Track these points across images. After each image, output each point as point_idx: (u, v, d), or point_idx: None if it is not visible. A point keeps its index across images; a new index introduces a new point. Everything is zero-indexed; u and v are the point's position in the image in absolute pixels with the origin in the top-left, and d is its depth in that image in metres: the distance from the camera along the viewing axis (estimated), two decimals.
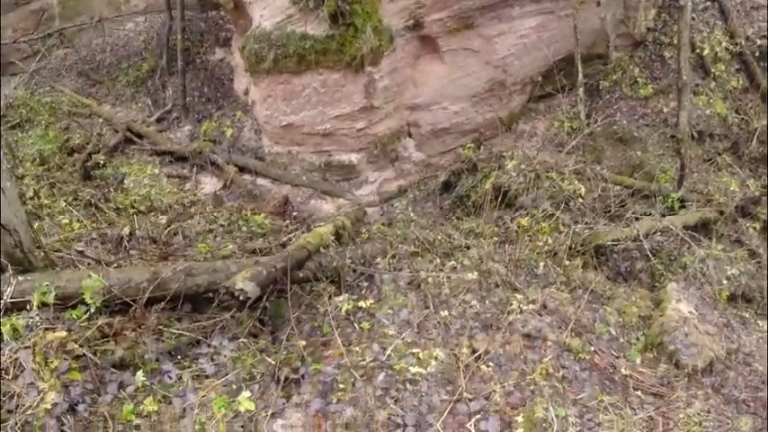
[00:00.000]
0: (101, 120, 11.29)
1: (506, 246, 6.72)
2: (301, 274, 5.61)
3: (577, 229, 7.08)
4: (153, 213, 8.53)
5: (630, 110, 10.94)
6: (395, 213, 8.61)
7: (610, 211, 7.98)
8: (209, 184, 9.76)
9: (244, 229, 7.54)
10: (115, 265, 5.62)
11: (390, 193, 9.19)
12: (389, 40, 8.79)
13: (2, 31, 13.00)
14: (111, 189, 9.31)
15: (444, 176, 8.61)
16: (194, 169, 10.07)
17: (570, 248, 6.79)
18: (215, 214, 7.75)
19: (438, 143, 9.90)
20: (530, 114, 10.96)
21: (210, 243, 6.96)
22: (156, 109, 11.42)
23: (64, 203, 8.09)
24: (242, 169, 9.86)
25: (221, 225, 7.44)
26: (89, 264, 5.47)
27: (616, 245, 7.11)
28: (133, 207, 8.52)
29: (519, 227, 7.11)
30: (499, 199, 7.39)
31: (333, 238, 6.23)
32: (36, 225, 7.36)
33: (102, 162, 10.04)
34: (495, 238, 6.81)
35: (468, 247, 6.38)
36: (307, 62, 8.70)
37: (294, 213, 8.46)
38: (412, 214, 8.46)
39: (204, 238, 7.04)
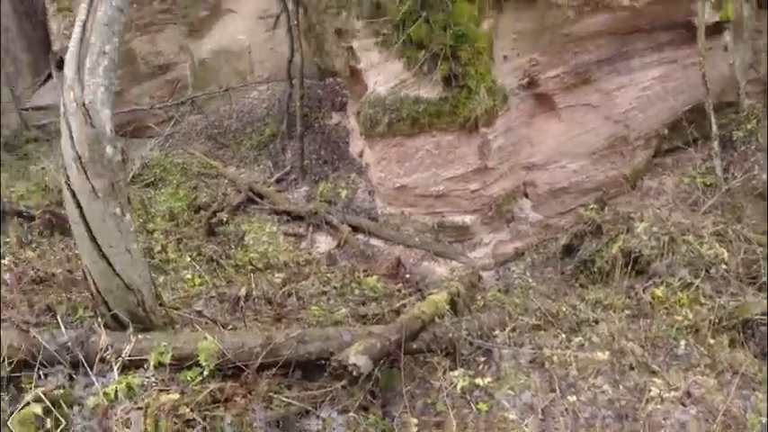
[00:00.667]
0: (226, 180, 11.74)
1: (640, 320, 6.02)
2: (415, 346, 5.28)
3: (722, 301, 6.27)
4: (269, 271, 8.58)
5: None
6: (512, 279, 8.11)
7: (756, 278, 7.04)
8: (324, 243, 9.75)
9: (356, 292, 7.34)
10: (231, 326, 5.58)
11: (506, 255, 8.71)
12: (504, 99, 8.50)
13: (139, 97, 14.07)
14: (232, 245, 9.52)
15: (565, 239, 8.04)
16: (310, 228, 10.13)
17: (714, 324, 5.98)
18: (328, 275, 7.63)
19: (557, 203, 9.35)
20: (656, 170, 10.15)
21: (323, 306, 6.81)
22: (276, 171, 11.74)
23: (189, 258, 8.31)
24: (356, 229, 9.80)
25: (334, 287, 7.29)
26: (206, 324, 5.45)
27: (765, 319, 6.20)
28: (251, 264, 8.61)
29: (653, 298, 6.39)
30: (629, 266, 6.70)
31: (447, 306, 5.87)
32: (161, 279, 7.65)
33: (225, 219, 10.37)
34: (627, 312, 6.13)
35: (597, 322, 5.77)
36: (420, 125, 8.57)
37: (407, 276, 8.18)
38: (530, 280, 7.92)
39: (317, 301, 6.91)
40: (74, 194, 4.45)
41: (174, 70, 14.96)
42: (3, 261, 6.34)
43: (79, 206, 4.46)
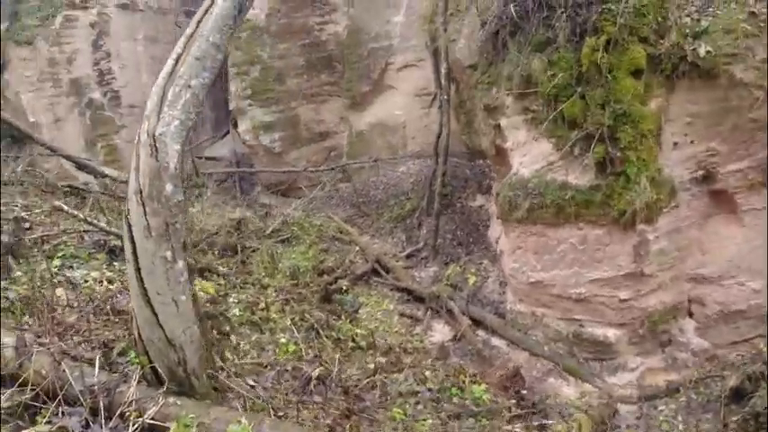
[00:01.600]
0: (357, 248, 11.06)
1: None
2: None
3: None
4: (371, 352, 7.53)
5: None
6: (657, 421, 6.20)
7: None
8: (440, 332, 8.50)
9: (455, 400, 5.98)
10: (282, 413, 4.57)
11: (655, 389, 6.76)
12: (671, 193, 6.85)
13: (296, 160, 14.15)
14: (343, 316, 8.65)
15: (736, 380, 6.01)
16: (428, 313, 8.96)
17: None
18: (426, 372, 6.35)
19: (729, 330, 7.26)
20: None
21: (409, 409, 5.57)
22: (408, 246, 10.85)
23: (290, 321, 7.54)
24: (478, 323, 8.44)
25: (429, 389, 6.00)
26: (253, 403, 4.50)
27: None
28: (353, 341, 7.62)
29: None
30: None
31: None
32: (254, 338, 6.89)
33: (345, 288, 9.60)
34: None
35: None
36: (565, 214, 7.17)
37: (523, 391, 6.63)
38: (681, 426, 5.98)
39: (404, 402, 5.68)
40: (130, 229, 3.99)
41: (333, 139, 15.05)
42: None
43: (133, 242, 4.00)
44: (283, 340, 6.95)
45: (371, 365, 6.49)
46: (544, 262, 7.56)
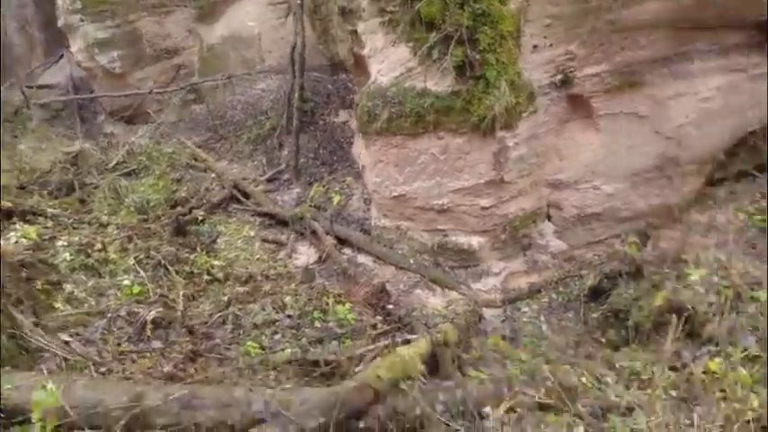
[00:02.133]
0: (213, 175, 10.08)
1: (691, 405, 4.10)
2: (362, 425, 3.49)
3: None
4: (230, 283, 6.87)
5: None
6: (521, 322, 6.18)
7: None
8: (305, 254, 7.97)
9: (318, 324, 5.53)
10: (107, 368, 3.86)
11: (518, 292, 6.77)
12: (530, 98, 6.61)
13: (141, 81, 12.56)
14: (198, 248, 7.85)
15: (594, 279, 6.08)
16: (292, 236, 8.37)
17: None
18: (286, 299, 5.81)
19: (585, 231, 7.38)
20: (704, 202, 8.09)
21: (266, 341, 5.04)
22: (269, 168, 10.03)
23: (133, 261, 6.64)
24: (343, 242, 8.00)
25: (289, 316, 5.48)
26: (69, 362, 3.74)
27: None
28: (209, 274, 6.90)
29: (706, 372, 4.45)
30: (677, 325, 4.74)
31: (422, 367, 4.03)
32: (91, 284, 6.03)
33: (201, 218, 8.72)
34: (673, 393, 4.19)
35: (631, 409, 3.83)
36: (425, 123, 6.73)
37: (389, 306, 6.33)
38: (545, 327, 6.00)
39: (260, 334, 5.13)
40: None
41: (181, 55, 13.38)
42: None
43: None
44: (127, 282, 6.12)
45: (225, 297, 5.85)
46: (406, 175, 7.16)
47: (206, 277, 6.81)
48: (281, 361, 4.53)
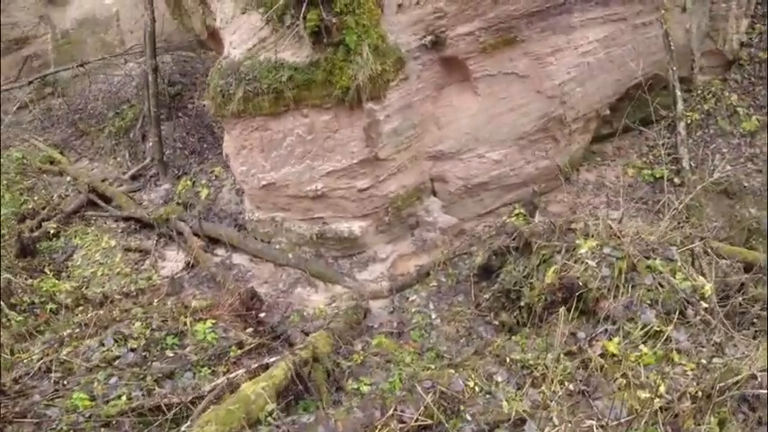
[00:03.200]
0: (69, 179, 8.67)
1: (590, 399, 3.49)
2: None
3: (705, 359, 3.83)
4: (81, 309, 5.72)
5: (733, 150, 7.49)
6: (409, 312, 5.43)
7: (740, 316, 4.62)
8: (175, 260, 6.88)
9: (171, 353, 4.51)
10: None
11: (406, 277, 6.00)
12: (398, 64, 5.75)
13: None
14: (47, 269, 6.63)
15: (482, 257, 5.39)
16: (159, 241, 7.23)
17: (698, 397, 3.52)
18: (135, 325, 4.73)
19: (473, 203, 6.72)
20: (593, 159, 7.64)
21: (98, 387, 3.99)
22: (133, 164, 8.72)
23: None
24: (216, 241, 6.96)
25: (132, 349, 4.42)
26: None
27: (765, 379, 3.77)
28: (52, 300, 5.71)
29: (605, 355, 3.87)
30: (571, 304, 4.11)
31: (271, 406, 3.16)
32: None
33: (52, 231, 7.41)
34: (570, 386, 3.55)
35: (523, 420, 3.14)
36: (285, 100, 5.76)
37: (261, 315, 5.41)
38: (434, 314, 5.28)
39: (92, 380, 4.07)
40: None
41: (32, 44, 11.67)
42: None
43: None
44: None
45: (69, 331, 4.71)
46: (273, 160, 6.19)
47: (50, 306, 5.63)
48: (115, 413, 3.53)
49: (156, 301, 5.93)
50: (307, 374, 3.93)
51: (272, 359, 4.00)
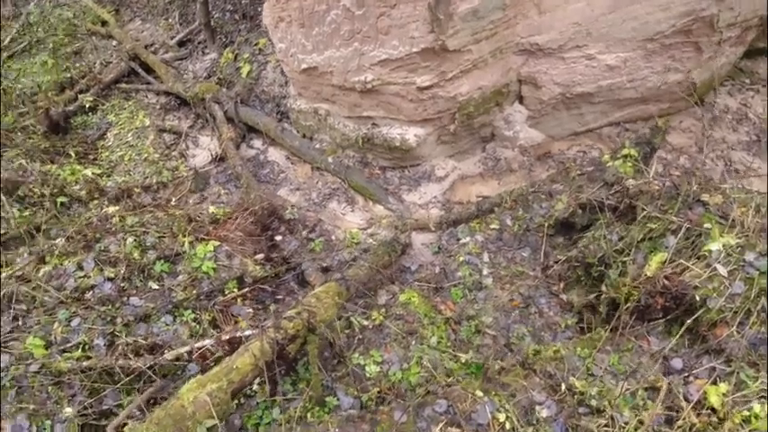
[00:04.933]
0: (114, 43, 7.70)
1: None
2: None
3: None
4: (97, 203, 4.96)
5: None
6: (456, 260, 4.11)
7: None
8: (207, 148, 5.86)
9: (154, 284, 3.56)
10: None
11: (463, 210, 4.60)
12: None
13: None
14: (72, 151, 5.90)
15: (564, 206, 3.89)
16: (196, 123, 6.22)
17: None
18: (126, 241, 3.81)
19: (569, 117, 5.06)
20: (738, 79, 5.57)
21: (60, 330, 3.16)
22: (183, 27, 7.55)
23: None
24: (254, 130, 5.84)
25: (109, 278, 3.51)
26: None
27: None
28: (63, 193, 4.95)
29: (702, 405, 2.49)
30: (674, 319, 2.68)
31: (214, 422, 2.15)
32: None
33: (88, 105, 6.59)
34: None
35: None
36: None
37: (277, 239, 4.33)
38: (486, 270, 3.95)
39: (53, 319, 3.24)
40: None
41: None
42: None
43: None
44: None
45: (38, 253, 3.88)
46: (314, 39, 4.77)
47: (61, 199, 4.86)
48: (65, 369, 2.71)
49: (174, 199, 5.03)
50: (294, 351, 2.88)
51: (248, 332, 2.92)
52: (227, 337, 2.89)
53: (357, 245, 4.35)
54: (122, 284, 3.55)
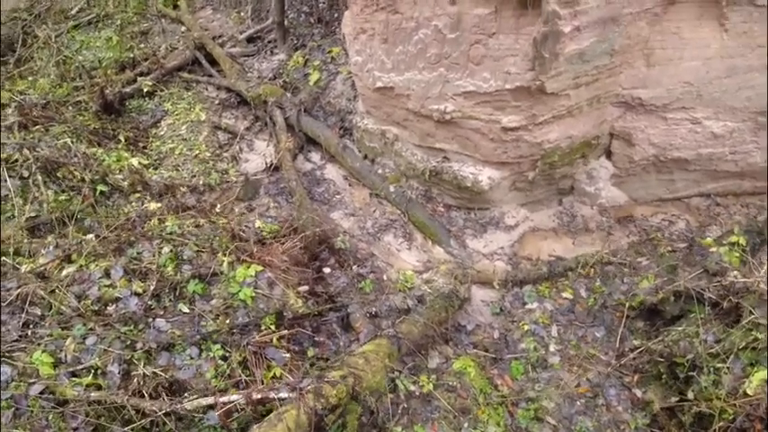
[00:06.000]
0: (183, 29, 7.44)
1: None
2: None
3: None
4: (138, 195, 4.63)
5: None
6: (519, 328, 3.60)
7: None
8: (263, 153, 5.49)
9: (184, 307, 3.15)
10: None
11: (533, 268, 4.08)
12: None
13: None
14: (122, 136, 5.59)
15: (648, 290, 3.34)
16: (254, 125, 5.87)
17: None
18: (162, 250, 3.43)
19: (657, 182, 4.50)
20: None
21: (72, 347, 2.77)
22: (255, 23, 7.24)
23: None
24: (314, 142, 5.44)
25: (136, 293, 3.11)
26: None
27: None
28: (105, 182, 4.61)
29: None
30: None
31: None
32: None
33: (147, 89, 6.30)
34: None
35: None
36: None
37: (325, 271, 3.89)
38: (553, 346, 3.44)
39: (65, 334, 2.85)
40: None
41: None
42: None
43: None
44: None
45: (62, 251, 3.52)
46: (396, 57, 4.35)
47: (101, 187, 4.53)
48: (70, 397, 2.32)
49: (219, 206, 4.65)
50: (332, 422, 2.42)
51: (283, 394, 2.47)
52: (259, 396, 2.44)
53: (410, 290, 3.88)
54: (149, 302, 3.15)
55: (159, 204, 4.40)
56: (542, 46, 3.57)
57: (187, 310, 3.15)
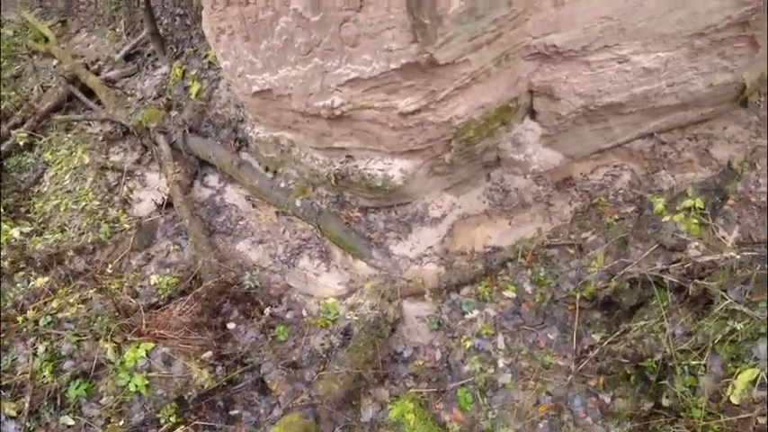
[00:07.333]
0: (54, 62, 6.53)
1: None
2: None
3: None
4: (23, 275, 3.91)
5: None
6: (463, 343, 3.00)
7: None
8: (157, 188, 4.73)
9: (68, 419, 2.51)
10: None
11: (468, 266, 3.44)
12: None
13: None
14: (5, 200, 4.80)
15: (596, 276, 2.78)
16: (144, 156, 5.10)
17: None
18: (31, 354, 2.75)
19: (593, 132, 3.91)
20: None
21: None
22: (130, 38, 6.36)
23: None
24: (206, 164, 4.71)
25: (11, 417, 2.47)
26: None
27: None
28: None
29: None
30: None
31: None
32: None
33: (22, 142, 5.46)
34: None
35: None
36: None
37: (230, 326, 3.23)
38: (501, 361, 2.86)
39: None
40: None
41: None
42: None
43: None
44: None
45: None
46: (264, 54, 3.62)
47: None
48: None
49: (111, 264, 3.93)
50: None
51: None
52: None
53: (334, 322, 3.26)
54: (28, 423, 2.50)
55: (46, 278, 3.70)
56: (419, 11, 2.89)
57: (72, 422, 2.51)
